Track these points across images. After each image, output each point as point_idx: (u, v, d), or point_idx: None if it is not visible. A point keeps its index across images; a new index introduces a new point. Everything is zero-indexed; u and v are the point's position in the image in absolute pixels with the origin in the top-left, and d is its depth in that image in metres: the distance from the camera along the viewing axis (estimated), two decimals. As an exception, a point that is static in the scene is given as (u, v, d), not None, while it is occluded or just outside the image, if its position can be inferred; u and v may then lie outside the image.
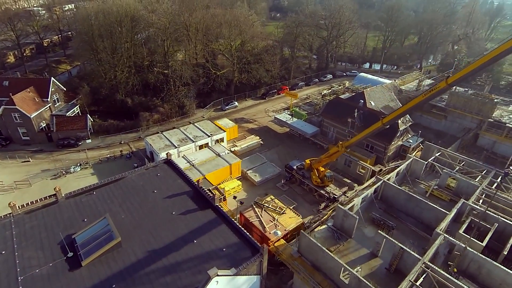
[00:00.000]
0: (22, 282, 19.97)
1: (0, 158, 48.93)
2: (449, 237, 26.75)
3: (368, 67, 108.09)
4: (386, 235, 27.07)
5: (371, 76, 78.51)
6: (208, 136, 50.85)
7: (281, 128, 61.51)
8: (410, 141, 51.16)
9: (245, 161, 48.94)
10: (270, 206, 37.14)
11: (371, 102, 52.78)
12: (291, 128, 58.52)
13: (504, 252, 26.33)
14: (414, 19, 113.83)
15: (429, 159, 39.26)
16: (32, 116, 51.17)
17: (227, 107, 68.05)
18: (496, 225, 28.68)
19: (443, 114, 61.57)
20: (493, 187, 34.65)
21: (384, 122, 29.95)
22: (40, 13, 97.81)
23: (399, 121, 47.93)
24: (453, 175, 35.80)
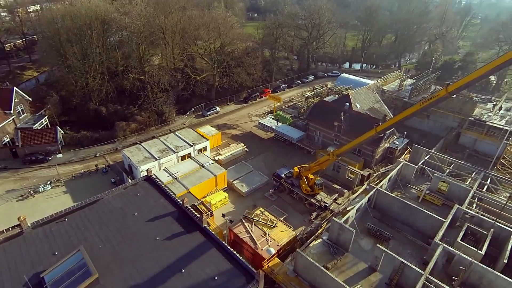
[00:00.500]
0: None
1: (-42, 179, 44.27)
2: (449, 248, 25.89)
3: (348, 67, 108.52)
4: (386, 249, 25.81)
5: (353, 77, 78.31)
6: (190, 146, 48.20)
7: (266, 133, 59.74)
8: (397, 143, 50.79)
9: (231, 171, 46.73)
10: (261, 220, 35.21)
11: (357, 105, 51.99)
12: (277, 134, 56.85)
13: (504, 260, 25.69)
14: (391, 19, 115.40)
15: (419, 163, 38.68)
16: (-6, 131, 46.71)
17: (209, 113, 65.48)
18: (492, 231, 28.15)
19: (426, 114, 61.99)
20: (484, 190, 34.47)
21: (378, 131, 28.76)
22: (1, 15, 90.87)
23: (386, 124, 47.29)
24: (444, 179, 35.30)
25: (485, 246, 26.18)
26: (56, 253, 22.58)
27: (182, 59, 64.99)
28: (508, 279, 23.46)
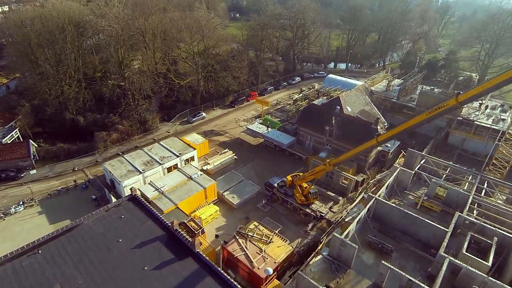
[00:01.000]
0: None
1: None
2: (456, 261, 24.71)
3: (333, 67, 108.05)
4: (391, 266, 24.35)
5: (340, 78, 77.36)
6: (177, 156, 45.60)
7: (255, 139, 57.75)
8: (389, 146, 49.91)
9: (220, 181, 44.45)
10: (255, 235, 33.20)
11: (348, 108, 50.81)
12: (266, 139, 54.95)
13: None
14: (374, 18, 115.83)
15: (415, 168, 37.73)
16: (-42, 147, 42.51)
17: (194, 119, 62.80)
18: (496, 239, 27.29)
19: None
20: (482, 194, 33.80)
21: (379, 141, 27.34)
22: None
23: (378, 127, 46.36)
24: (442, 185, 34.41)
25: (491, 257, 25.20)
26: (29, 294, 19.91)
27: (165, 63, 61.98)
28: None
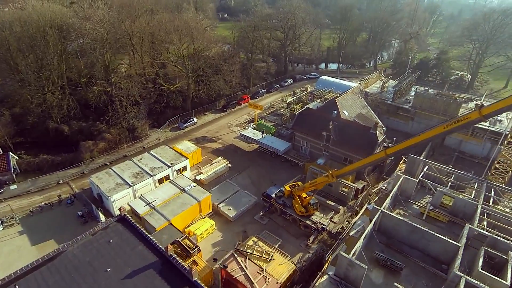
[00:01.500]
0: None
1: None
2: (473, 280, 23.23)
3: (324, 67, 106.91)
4: (404, 289, 22.73)
5: (333, 79, 75.95)
6: (168, 166, 43.23)
7: (249, 145, 55.73)
8: (387, 150, 48.49)
9: (215, 192, 42.26)
10: (255, 252, 31.25)
11: (345, 112, 49.32)
12: (261, 146, 52.99)
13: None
14: (365, 17, 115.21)
15: (419, 176, 36.36)
16: None
17: (185, 125, 60.34)
18: (511, 254, 25.98)
19: (410, 116, 60.83)
20: (491, 203, 32.65)
21: (388, 153, 25.70)
22: None
23: (377, 132, 45.00)
24: (449, 194, 33.10)
25: (509, 275, 23.83)
26: None
27: (153, 68, 59.26)
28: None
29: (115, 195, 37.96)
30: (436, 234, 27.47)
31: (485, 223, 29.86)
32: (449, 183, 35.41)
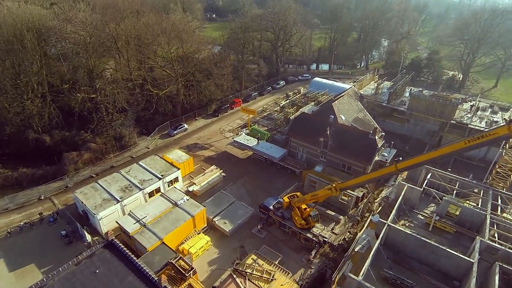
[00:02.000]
0: None
1: None
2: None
3: (315, 68, 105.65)
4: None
5: (327, 81, 74.43)
6: (159, 178, 40.75)
7: (243, 152, 53.61)
8: (385, 155, 47.16)
9: (209, 204, 39.97)
10: (254, 272, 29.25)
11: (342, 116, 47.74)
12: (255, 152, 50.93)
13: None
14: (355, 17, 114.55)
15: (423, 184, 34.99)
16: None
17: (176, 132, 57.74)
18: (525, 269, 24.72)
19: (406, 118, 59.82)
20: (499, 212, 31.47)
21: (399, 168, 23.99)
22: None
23: (377, 137, 43.54)
24: (455, 203, 31.78)
25: (527, 293, 22.52)
26: None
27: (141, 72, 56.40)
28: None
29: (102, 212, 35.32)
30: (448, 250, 26.01)
31: (496, 235, 28.57)
32: (454, 191, 34.09)
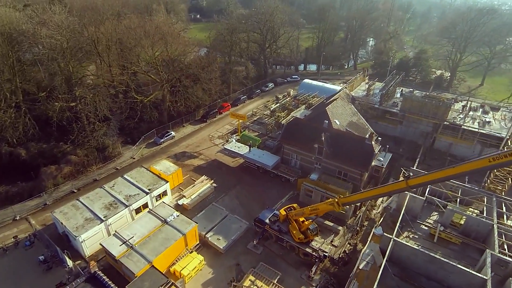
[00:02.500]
0: None
1: None
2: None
3: (303, 69, 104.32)
4: None
5: (317, 82, 73.20)
6: (146, 193, 38.06)
7: (234, 160, 51.36)
8: (381, 159, 45.78)
9: (200, 219, 37.57)
10: (253, 296, 27.17)
11: (336, 121, 46.10)
12: (247, 160, 48.77)
13: None
14: (342, 17, 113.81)
15: (425, 193, 33.63)
16: None
17: (162, 140, 54.85)
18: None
19: (399, 120, 58.91)
20: (505, 220, 30.41)
21: (411, 185, 22.25)
22: None
23: (373, 142, 42.11)
24: (460, 212, 30.54)
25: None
26: None
27: (123, 79, 53.25)
28: None
29: (84, 234, 32.47)
30: (459, 266, 24.56)
31: (505, 246, 27.41)
32: (458, 200, 32.89)
